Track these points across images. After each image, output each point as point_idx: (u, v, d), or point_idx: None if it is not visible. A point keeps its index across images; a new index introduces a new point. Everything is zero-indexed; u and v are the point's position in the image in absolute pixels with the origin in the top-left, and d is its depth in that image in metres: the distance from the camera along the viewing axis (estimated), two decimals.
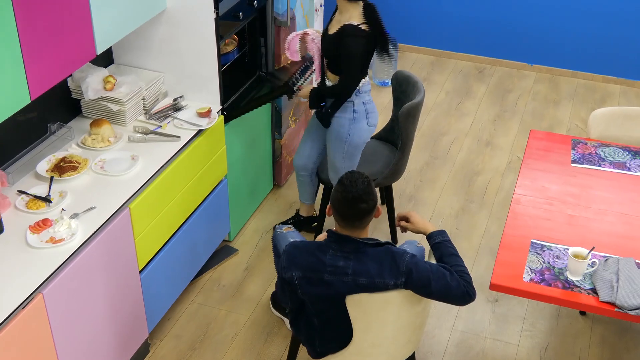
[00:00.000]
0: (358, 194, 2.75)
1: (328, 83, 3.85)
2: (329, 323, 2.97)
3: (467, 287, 2.81)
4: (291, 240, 3.42)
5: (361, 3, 3.66)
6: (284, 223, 4.42)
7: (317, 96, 3.87)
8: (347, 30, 3.63)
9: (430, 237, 3.04)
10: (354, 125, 3.84)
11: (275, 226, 4.33)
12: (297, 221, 4.43)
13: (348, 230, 2.84)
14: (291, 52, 3.99)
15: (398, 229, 3.21)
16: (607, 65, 6.07)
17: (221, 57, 3.80)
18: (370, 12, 3.67)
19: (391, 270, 2.78)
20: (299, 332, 3.13)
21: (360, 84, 3.79)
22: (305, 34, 3.93)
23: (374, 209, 2.82)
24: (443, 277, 2.79)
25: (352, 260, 2.79)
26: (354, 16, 3.65)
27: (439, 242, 2.99)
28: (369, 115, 3.87)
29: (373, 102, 3.90)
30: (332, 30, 3.74)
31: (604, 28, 5.89)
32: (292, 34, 3.97)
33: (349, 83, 3.74)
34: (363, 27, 3.64)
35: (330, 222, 4.32)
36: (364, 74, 3.79)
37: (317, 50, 3.88)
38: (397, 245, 2.99)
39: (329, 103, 3.85)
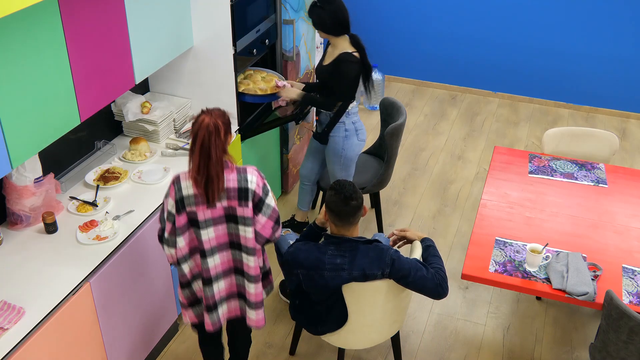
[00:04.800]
0: (349, 194, 2.78)
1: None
2: (330, 308, 2.97)
3: (440, 281, 2.80)
4: (290, 241, 3.40)
5: (347, 35, 3.66)
6: (282, 225, 4.41)
7: (307, 102, 3.78)
8: (343, 57, 3.62)
9: (422, 241, 3.07)
10: (347, 142, 3.83)
11: None
12: (292, 224, 4.40)
13: (343, 229, 2.84)
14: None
15: (393, 238, 3.21)
16: (558, 93, 6.07)
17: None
18: (356, 42, 3.66)
19: (379, 262, 2.78)
20: (300, 317, 3.11)
21: (350, 107, 3.76)
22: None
23: (362, 205, 2.83)
24: (420, 270, 2.79)
25: (348, 257, 2.79)
26: (345, 46, 3.64)
27: (428, 245, 3.01)
28: (358, 132, 3.85)
29: (361, 121, 3.88)
30: (327, 61, 3.72)
31: (556, 62, 5.90)
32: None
33: (335, 100, 3.70)
34: (355, 54, 3.64)
35: None
36: (352, 98, 3.75)
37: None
38: (370, 238, 3.00)
39: (325, 125, 3.83)
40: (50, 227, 2.95)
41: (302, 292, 3.04)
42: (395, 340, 3.32)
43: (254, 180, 2.66)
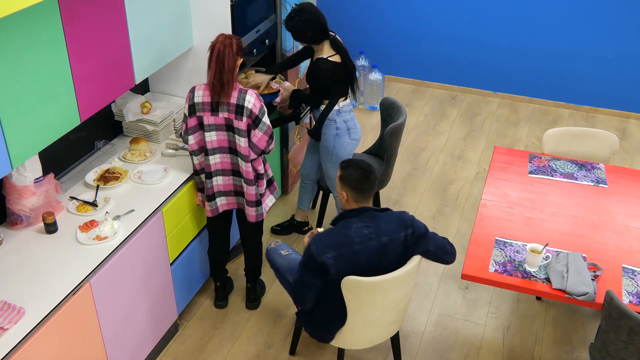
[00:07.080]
0: (367, 168, 2.88)
1: (321, 107, 3.82)
2: (339, 308, 2.94)
3: (447, 242, 2.97)
4: (282, 252, 3.35)
5: (327, 40, 3.65)
6: (278, 225, 4.39)
7: (296, 98, 3.84)
8: (316, 63, 3.64)
9: None
10: (338, 140, 3.81)
11: (269, 245, 4.32)
12: (291, 224, 4.40)
13: (363, 202, 2.90)
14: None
15: None
16: (558, 93, 6.07)
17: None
18: (336, 45, 3.65)
19: (401, 225, 2.88)
20: (312, 325, 3.09)
21: (340, 105, 3.74)
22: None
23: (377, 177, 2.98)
24: (434, 232, 2.95)
25: (372, 227, 2.84)
26: (324, 51, 3.64)
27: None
28: (351, 131, 3.83)
29: (355, 120, 3.84)
30: (310, 64, 3.76)
31: (556, 62, 5.90)
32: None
33: (309, 100, 3.76)
34: (333, 58, 3.62)
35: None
36: (335, 96, 3.71)
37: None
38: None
39: (316, 121, 3.83)
40: (50, 227, 2.95)
41: (316, 303, 3.01)
42: (395, 340, 3.32)
43: (251, 100, 3.17)
